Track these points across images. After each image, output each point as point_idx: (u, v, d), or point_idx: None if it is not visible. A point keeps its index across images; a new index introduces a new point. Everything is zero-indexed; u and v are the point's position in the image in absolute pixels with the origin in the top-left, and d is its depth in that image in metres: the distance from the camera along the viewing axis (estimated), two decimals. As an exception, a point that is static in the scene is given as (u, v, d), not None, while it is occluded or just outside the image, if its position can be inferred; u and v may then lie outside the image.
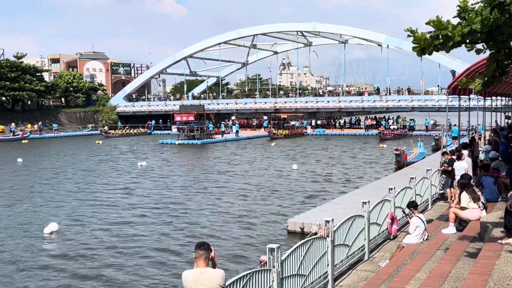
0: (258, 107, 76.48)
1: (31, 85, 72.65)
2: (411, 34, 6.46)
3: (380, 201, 11.80)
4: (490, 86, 7.36)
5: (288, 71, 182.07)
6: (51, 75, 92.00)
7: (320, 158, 39.10)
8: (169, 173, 31.97)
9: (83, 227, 17.81)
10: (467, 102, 24.46)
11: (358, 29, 72.67)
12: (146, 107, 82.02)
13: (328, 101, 74.22)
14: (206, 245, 5.24)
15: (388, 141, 52.40)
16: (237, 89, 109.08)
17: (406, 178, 15.46)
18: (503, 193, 12.62)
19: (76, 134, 71.32)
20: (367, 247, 10.78)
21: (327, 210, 16.85)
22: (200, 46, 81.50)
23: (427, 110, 66.88)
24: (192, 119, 58.05)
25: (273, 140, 57.30)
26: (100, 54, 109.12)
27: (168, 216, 19.36)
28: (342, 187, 25.54)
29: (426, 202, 15.58)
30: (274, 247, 6.87)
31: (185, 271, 5.27)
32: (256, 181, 27.68)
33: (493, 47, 6.38)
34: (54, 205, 21.82)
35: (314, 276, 8.41)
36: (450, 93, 18.79)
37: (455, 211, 11.09)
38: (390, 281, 8.00)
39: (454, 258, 8.42)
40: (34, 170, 33.39)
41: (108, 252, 14.86)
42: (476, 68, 15.28)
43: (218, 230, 17.15)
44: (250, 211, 19.97)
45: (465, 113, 24.62)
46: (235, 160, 39.11)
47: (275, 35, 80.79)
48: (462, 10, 6.32)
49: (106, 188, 26.22)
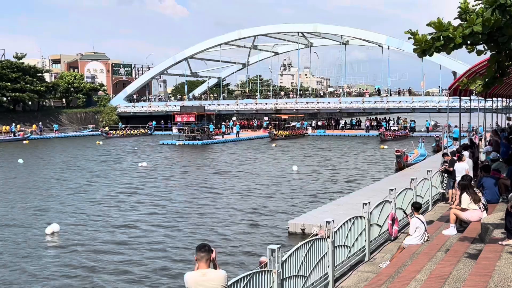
0: (259, 108, 76.47)
1: (32, 85, 72.66)
2: (412, 36, 6.46)
3: (381, 202, 11.79)
4: (491, 87, 7.37)
5: (289, 72, 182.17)
6: (52, 75, 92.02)
7: (320, 159, 39.09)
8: (169, 174, 31.98)
9: (84, 227, 17.80)
10: (468, 103, 24.48)
11: (359, 30, 72.65)
12: (147, 107, 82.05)
13: (329, 102, 74.24)
14: (207, 247, 5.25)
15: (389, 142, 52.39)
16: (238, 90, 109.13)
17: (406, 179, 15.47)
18: (504, 194, 12.62)
19: (76, 135, 71.36)
20: (367, 248, 10.78)
21: (328, 211, 16.85)
22: (201, 47, 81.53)
23: (427, 111, 66.88)
24: (193, 119, 58.07)
25: (273, 141, 57.30)
26: (101, 54, 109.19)
27: (169, 217, 19.36)
28: (342, 188, 25.53)
29: (427, 203, 15.57)
30: (274, 248, 6.88)
31: (187, 273, 5.28)
32: (257, 182, 27.68)
33: (494, 49, 6.39)
34: (55, 205, 21.82)
35: (315, 277, 8.41)
36: (451, 94, 18.77)
37: (455, 212, 11.09)
38: (390, 282, 7.99)
39: (455, 259, 8.42)
40: (34, 171, 33.40)
41: (109, 253, 14.86)
42: (477, 69, 15.28)
43: (219, 231, 17.15)
44: (251, 212, 19.97)
45: (466, 114, 24.62)
46: (236, 161, 39.11)
47: (276, 36, 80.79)
48: (463, 11, 6.33)
49: (107, 189, 26.21)
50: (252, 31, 78.61)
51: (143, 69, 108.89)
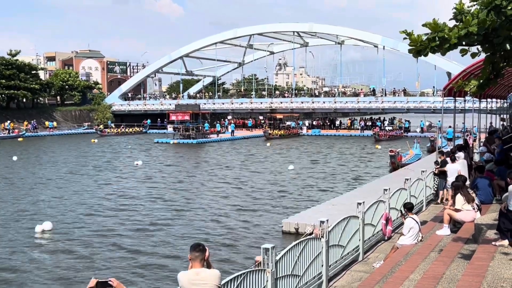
0: (254, 107, 76.47)
1: (27, 83, 72.38)
2: (407, 36, 6.47)
3: (375, 202, 11.82)
4: (485, 89, 7.39)
5: (284, 71, 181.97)
6: (47, 73, 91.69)
7: (315, 158, 39.12)
8: (163, 172, 31.92)
9: (77, 226, 17.74)
10: (463, 104, 24.55)
11: (355, 30, 72.70)
12: (142, 106, 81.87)
13: (324, 101, 74.32)
14: (201, 247, 5.23)
15: (383, 142, 52.50)
16: (233, 89, 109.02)
17: (401, 180, 15.50)
18: (498, 195, 12.66)
19: (71, 133, 71.14)
20: (361, 248, 10.79)
21: (322, 210, 16.86)
22: (197, 46, 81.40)
23: (422, 111, 67.00)
24: (188, 118, 58.00)
25: (268, 140, 57.29)
26: (96, 52, 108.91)
27: (162, 216, 19.33)
28: (337, 187, 25.56)
29: (421, 203, 15.62)
30: (268, 247, 6.87)
31: (180, 273, 5.26)
32: (251, 181, 27.67)
33: (489, 50, 6.40)
34: (47, 203, 21.73)
35: (308, 277, 8.41)
36: (445, 95, 18.83)
37: (449, 212, 11.12)
38: (384, 282, 8.00)
39: (448, 260, 8.44)
40: (28, 168, 33.26)
41: (101, 251, 14.82)
42: (471, 70, 15.33)
43: (212, 230, 17.14)
44: (245, 211, 19.96)
45: (460, 115, 24.69)
46: (230, 160, 39.09)
47: (271, 35, 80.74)
48: (458, 12, 6.34)
49: (101, 187, 26.15)
50: (248, 30, 78.54)
51: (138, 67, 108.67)
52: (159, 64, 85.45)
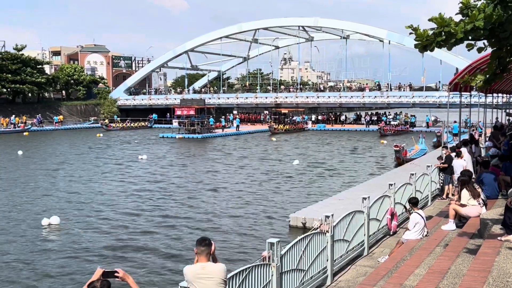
0: (259, 101, 76.35)
1: (32, 77, 72.57)
2: (413, 31, 6.45)
3: (380, 196, 11.82)
4: (491, 83, 7.37)
5: (289, 66, 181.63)
6: (52, 67, 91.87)
7: (321, 153, 39.09)
8: (169, 166, 31.98)
9: (83, 220, 17.84)
10: (468, 98, 24.46)
11: (360, 25, 72.40)
12: (147, 100, 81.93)
13: (329, 96, 74.16)
14: (207, 241, 5.25)
15: (389, 137, 52.39)
16: (238, 83, 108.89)
17: (406, 174, 15.49)
18: (503, 190, 12.64)
19: (77, 127, 71.35)
20: (366, 243, 10.80)
21: (329, 205, 16.89)
22: (202, 40, 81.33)
23: (428, 106, 66.77)
24: (193, 113, 58.03)
25: (273, 135, 57.30)
26: (101, 47, 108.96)
27: (168, 210, 19.39)
28: (343, 182, 25.56)
29: (426, 198, 15.60)
30: (273, 242, 6.89)
31: (186, 266, 5.28)
32: (258, 176, 27.70)
33: (495, 44, 6.38)
34: (53, 198, 21.84)
35: (314, 271, 8.44)
36: (451, 90, 18.77)
37: (455, 207, 11.11)
38: (389, 276, 8.02)
39: (454, 255, 8.44)
40: (33, 162, 33.40)
41: (108, 246, 14.90)
42: (478, 65, 15.27)
43: (219, 225, 17.19)
44: (252, 206, 20.00)
45: (466, 109, 24.60)
46: (236, 154, 39.12)
47: (276, 29, 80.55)
48: (464, 6, 6.31)
49: (106, 181, 26.24)
50: (253, 24, 78.35)
51: (143, 62, 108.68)
52: (164, 59, 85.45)
